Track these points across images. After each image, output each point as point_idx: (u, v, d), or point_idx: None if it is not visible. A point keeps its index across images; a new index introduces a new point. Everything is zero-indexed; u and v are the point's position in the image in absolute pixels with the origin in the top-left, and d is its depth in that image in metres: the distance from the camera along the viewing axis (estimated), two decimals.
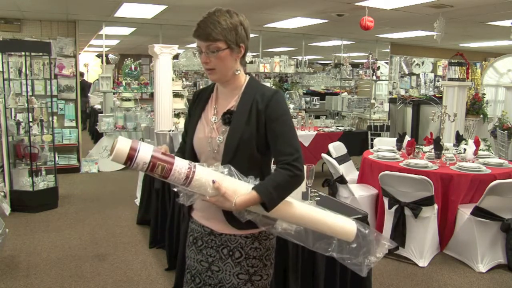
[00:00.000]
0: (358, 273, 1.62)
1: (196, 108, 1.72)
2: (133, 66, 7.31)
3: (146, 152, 1.39)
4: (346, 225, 1.60)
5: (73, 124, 6.95)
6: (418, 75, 10.17)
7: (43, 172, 5.14)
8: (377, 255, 1.62)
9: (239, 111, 1.57)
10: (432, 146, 4.39)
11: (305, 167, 2.64)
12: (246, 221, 1.51)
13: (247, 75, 1.66)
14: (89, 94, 10.83)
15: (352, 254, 1.60)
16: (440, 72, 10.75)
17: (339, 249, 1.61)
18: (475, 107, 6.94)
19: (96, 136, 8.66)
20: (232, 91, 1.63)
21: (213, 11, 1.53)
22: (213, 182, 1.43)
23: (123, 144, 1.37)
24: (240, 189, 1.47)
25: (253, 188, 1.47)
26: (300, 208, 1.57)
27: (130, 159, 1.37)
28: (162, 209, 3.77)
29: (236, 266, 1.59)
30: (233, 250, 1.60)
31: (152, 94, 6.65)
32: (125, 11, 6.14)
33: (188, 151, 1.68)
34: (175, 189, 1.53)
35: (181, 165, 1.42)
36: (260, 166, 1.60)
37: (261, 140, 1.56)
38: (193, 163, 1.47)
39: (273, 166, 1.63)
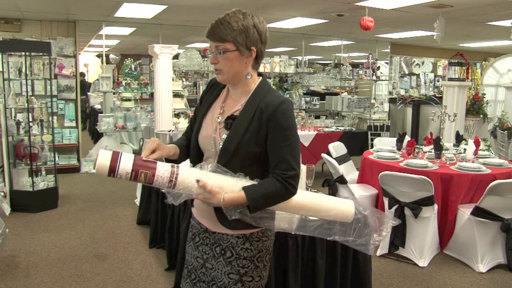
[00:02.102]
0: (365, 252, 1.66)
1: (208, 98, 1.71)
2: (133, 66, 7.31)
3: (127, 162, 1.43)
4: (344, 207, 1.63)
5: (73, 124, 6.95)
6: (418, 75, 10.16)
7: (43, 172, 5.14)
8: (382, 233, 1.66)
9: (241, 118, 1.55)
10: (432, 146, 4.39)
11: (305, 167, 2.65)
12: (238, 222, 1.52)
13: (260, 76, 1.62)
14: (88, 93, 10.84)
15: (357, 235, 1.62)
16: (440, 72, 10.75)
17: (341, 233, 1.64)
18: (475, 107, 6.94)
19: (96, 136, 8.66)
20: (240, 94, 1.60)
21: (229, 12, 1.51)
22: (197, 181, 1.45)
23: (104, 157, 1.42)
24: (226, 185, 1.48)
25: (243, 188, 1.48)
26: (296, 198, 1.56)
27: (112, 171, 1.41)
28: (162, 209, 3.77)
29: (227, 265, 1.60)
30: (225, 249, 1.60)
31: (152, 94, 6.65)
32: (125, 11, 6.13)
33: (192, 148, 1.68)
34: (163, 191, 1.54)
35: (163, 170, 1.45)
36: (255, 172, 1.56)
37: (259, 150, 1.54)
38: (176, 165, 1.49)
39: None
